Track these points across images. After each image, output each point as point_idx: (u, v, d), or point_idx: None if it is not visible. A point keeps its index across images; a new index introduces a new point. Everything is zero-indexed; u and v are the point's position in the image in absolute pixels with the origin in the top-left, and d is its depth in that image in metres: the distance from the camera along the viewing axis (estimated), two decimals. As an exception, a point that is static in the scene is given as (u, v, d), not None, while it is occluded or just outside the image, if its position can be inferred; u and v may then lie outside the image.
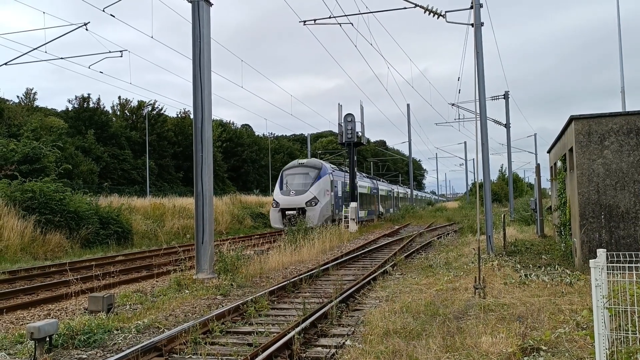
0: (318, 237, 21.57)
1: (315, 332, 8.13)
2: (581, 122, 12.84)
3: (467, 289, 10.63)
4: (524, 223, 30.38)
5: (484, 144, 17.19)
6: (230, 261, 14.28)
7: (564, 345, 6.54)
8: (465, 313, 8.71)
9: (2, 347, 7.77)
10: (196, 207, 13.63)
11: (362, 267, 16.13)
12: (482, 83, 16.95)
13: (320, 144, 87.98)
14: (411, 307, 9.15)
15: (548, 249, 17.66)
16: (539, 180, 25.19)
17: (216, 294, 11.82)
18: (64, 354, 7.36)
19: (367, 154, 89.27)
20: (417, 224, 41.32)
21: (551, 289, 10.49)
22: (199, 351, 7.09)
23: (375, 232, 31.68)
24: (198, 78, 13.68)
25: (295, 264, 16.90)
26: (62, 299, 11.67)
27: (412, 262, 16.80)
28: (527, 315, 8.23)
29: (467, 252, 16.94)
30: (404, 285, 12.13)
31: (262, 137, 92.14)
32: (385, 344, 6.92)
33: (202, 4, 13.71)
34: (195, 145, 13.73)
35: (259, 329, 8.37)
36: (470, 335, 7.09)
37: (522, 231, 25.78)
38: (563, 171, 16.45)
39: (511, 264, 13.79)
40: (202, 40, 13.69)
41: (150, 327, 8.77)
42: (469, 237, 23.23)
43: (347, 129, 34.42)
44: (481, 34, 16.84)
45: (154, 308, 10.31)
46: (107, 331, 8.20)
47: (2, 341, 8.11)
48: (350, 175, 34.79)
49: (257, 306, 9.84)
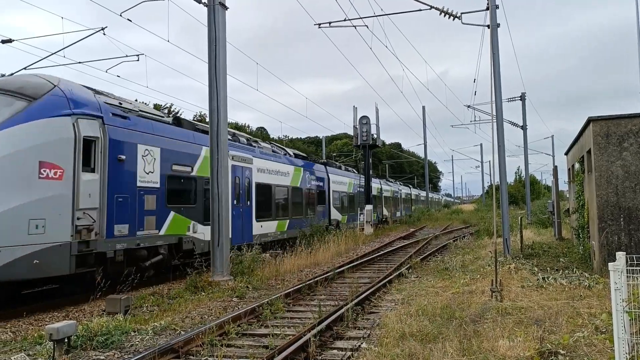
0: (333, 239, 21.57)
1: (330, 334, 8.12)
2: (599, 123, 12.69)
3: (484, 292, 10.55)
4: (541, 226, 30.06)
5: (500, 146, 17.06)
6: (246, 264, 14.35)
7: (582, 350, 6.46)
8: (482, 316, 8.64)
9: (21, 347, 7.88)
10: (212, 209, 13.70)
11: (377, 270, 16.08)
12: (498, 84, 16.82)
13: (335, 146, 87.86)
14: (427, 310, 9.10)
15: (566, 251, 17.45)
16: (556, 183, 24.92)
17: (232, 296, 11.87)
18: (82, 355, 7.44)
19: (382, 156, 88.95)
20: (433, 226, 41.11)
21: (569, 293, 10.37)
22: (215, 353, 7.11)
23: (391, 235, 31.57)
24: (214, 81, 13.76)
25: (310, 267, 16.91)
26: (81, 301, 11.78)
27: (428, 264, 16.72)
28: (545, 319, 8.14)
29: (484, 255, 16.81)
30: (419, 287, 12.07)
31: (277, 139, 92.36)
32: (401, 346, 6.89)
33: (217, 7, 13.80)
34: (212, 148, 13.80)
35: (275, 331, 8.38)
36: (487, 338, 7.04)
37: (539, 234, 25.52)
38: (581, 173, 16.26)
39: (528, 266, 13.66)
40: (218, 43, 13.77)
41: (166, 329, 8.83)
42: (485, 239, 23.05)
43: (362, 131, 34.37)
44: (497, 36, 16.72)
45: (171, 310, 10.39)
46: (124, 333, 8.28)
47: (21, 342, 8.23)
48: (366, 178, 34.68)
49: (273, 308, 9.86)
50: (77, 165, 11.25)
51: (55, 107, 11.15)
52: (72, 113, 11.38)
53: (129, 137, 12.90)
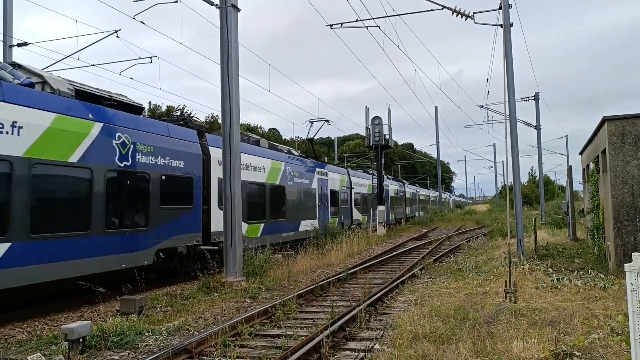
0: (346, 240, 21.55)
1: (343, 335, 8.11)
2: (614, 123, 12.56)
3: (498, 293, 10.48)
4: (556, 226, 29.81)
5: (513, 146, 16.95)
6: (258, 264, 14.39)
7: (598, 351, 6.40)
8: (495, 317, 8.59)
9: (37, 347, 7.97)
10: (225, 210, 13.75)
11: (390, 271, 16.04)
12: (511, 84, 16.72)
13: (347, 147, 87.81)
14: (440, 311, 9.06)
15: (581, 252, 17.29)
16: (570, 183, 24.70)
17: (245, 296, 11.90)
18: (97, 354, 7.50)
19: (394, 156, 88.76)
20: (446, 227, 40.93)
21: (584, 294, 10.27)
22: (229, 354, 7.14)
23: (404, 236, 31.48)
24: (226, 83, 13.82)
25: (323, 268, 16.91)
26: (95, 301, 11.88)
27: (441, 265, 16.65)
28: (560, 320, 8.07)
29: (497, 256, 16.70)
30: (432, 289, 12.02)
31: (290, 140, 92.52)
32: (415, 348, 6.86)
33: (229, 9, 13.86)
34: (224, 149, 13.86)
35: (288, 332, 8.40)
36: (501, 340, 6.99)
37: (553, 234, 25.30)
38: (596, 173, 16.10)
39: (543, 267, 13.55)
40: (230, 45, 13.83)
41: (180, 330, 8.88)
42: (499, 240, 22.90)
43: (375, 132, 34.31)
44: (510, 35, 16.62)
45: (184, 310, 10.44)
46: (138, 333, 8.33)
47: (37, 342, 8.32)
48: (378, 179, 34.61)
49: (286, 309, 9.87)
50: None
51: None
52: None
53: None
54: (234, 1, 14.00)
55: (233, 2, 13.95)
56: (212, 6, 14.12)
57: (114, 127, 12.15)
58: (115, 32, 18.01)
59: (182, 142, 14.53)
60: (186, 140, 14.76)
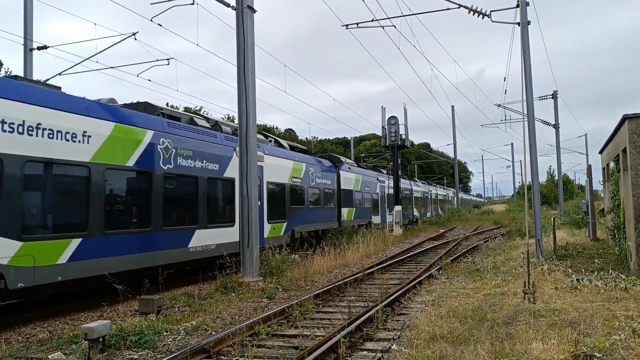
0: (362, 240, 21.52)
1: (360, 335, 8.10)
2: (635, 121, 12.37)
3: (516, 293, 10.38)
4: (575, 226, 29.47)
5: (531, 145, 16.79)
6: (275, 264, 14.42)
7: (619, 353, 6.31)
8: (514, 318, 8.51)
9: (58, 346, 8.08)
10: (241, 211, 13.81)
11: (407, 271, 15.98)
12: (529, 83, 16.56)
13: (363, 147, 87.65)
14: (458, 312, 9.01)
15: (601, 252, 17.08)
16: (590, 182, 24.40)
17: (262, 297, 11.94)
18: (117, 354, 7.58)
19: (411, 156, 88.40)
20: (464, 227, 40.66)
21: (605, 294, 10.14)
22: (246, 353, 7.17)
23: (420, 236, 31.34)
24: (242, 84, 13.87)
25: (339, 268, 16.90)
26: (115, 301, 12.01)
27: (459, 266, 16.54)
28: (580, 321, 7.98)
29: (516, 256, 16.55)
30: (450, 289, 11.95)
31: (305, 141, 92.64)
32: (432, 348, 6.83)
33: (246, 11, 13.92)
34: (241, 150, 13.92)
35: (305, 332, 8.41)
36: (520, 341, 6.93)
37: (573, 234, 25.01)
38: (616, 172, 15.88)
39: (562, 268, 13.40)
40: (246, 46, 13.89)
41: (198, 329, 8.93)
42: (517, 240, 22.70)
43: (391, 132, 34.20)
44: (528, 33, 16.46)
45: (202, 310, 10.51)
46: (157, 332, 8.40)
47: (58, 341, 8.44)
48: (395, 179, 34.49)
49: (303, 309, 9.88)
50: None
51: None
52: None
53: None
54: (250, 2, 14.06)
55: (249, 3, 14.01)
56: (228, 7, 14.20)
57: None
58: (133, 34, 18.17)
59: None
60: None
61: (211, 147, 15.23)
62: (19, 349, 8.16)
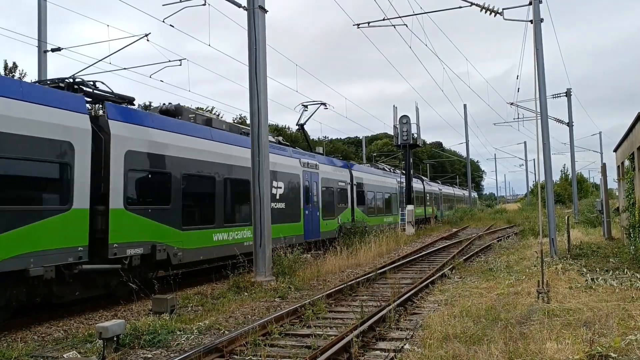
0: (374, 240, 21.48)
1: (373, 335, 8.10)
2: (650, 118, 12.24)
3: (530, 293, 10.32)
4: (590, 225, 29.20)
5: (545, 143, 16.67)
6: (287, 264, 14.44)
7: (635, 353, 6.25)
8: (528, 318, 8.46)
9: (73, 345, 8.16)
10: (254, 211, 13.84)
11: (419, 271, 15.94)
12: (542, 81, 16.44)
13: (375, 146, 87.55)
14: (471, 312, 8.97)
15: (616, 252, 16.91)
16: (605, 181, 24.15)
17: (274, 296, 11.97)
18: (131, 353, 7.64)
19: (423, 155, 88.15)
20: (476, 226, 40.47)
21: (620, 294, 10.03)
22: (259, 353, 7.19)
23: (433, 235, 31.23)
24: (254, 84, 13.91)
25: (351, 267, 16.89)
26: (128, 301, 12.10)
27: (471, 265, 16.46)
28: (595, 321, 7.91)
29: (529, 256, 16.44)
30: (463, 289, 11.90)
31: (317, 140, 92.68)
32: (445, 348, 6.80)
33: (257, 11, 13.94)
34: (253, 150, 13.95)
35: (317, 332, 8.42)
36: (534, 341, 6.88)
37: (587, 234, 24.79)
38: (631, 170, 15.72)
39: (576, 267, 13.29)
40: (258, 46, 13.91)
41: (211, 329, 8.98)
42: (531, 239, 22.54)
43: (403, 131, 34.12)
44: (541, 31, 16.36)
45: (214, 310, 10.55)
46: (170, 332, 8.46)
47: (72, 340, 8.52)
48: (407, 178, 34.40)
49: (315, 309, 9.89)
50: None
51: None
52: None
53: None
54: (262, 3, 14.08)
55: (260, 3, 14.03)
56: (239, 8, 14.24)
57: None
58: (145, 35, 18.29)
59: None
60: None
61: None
62: (34, 347, 8.25)
